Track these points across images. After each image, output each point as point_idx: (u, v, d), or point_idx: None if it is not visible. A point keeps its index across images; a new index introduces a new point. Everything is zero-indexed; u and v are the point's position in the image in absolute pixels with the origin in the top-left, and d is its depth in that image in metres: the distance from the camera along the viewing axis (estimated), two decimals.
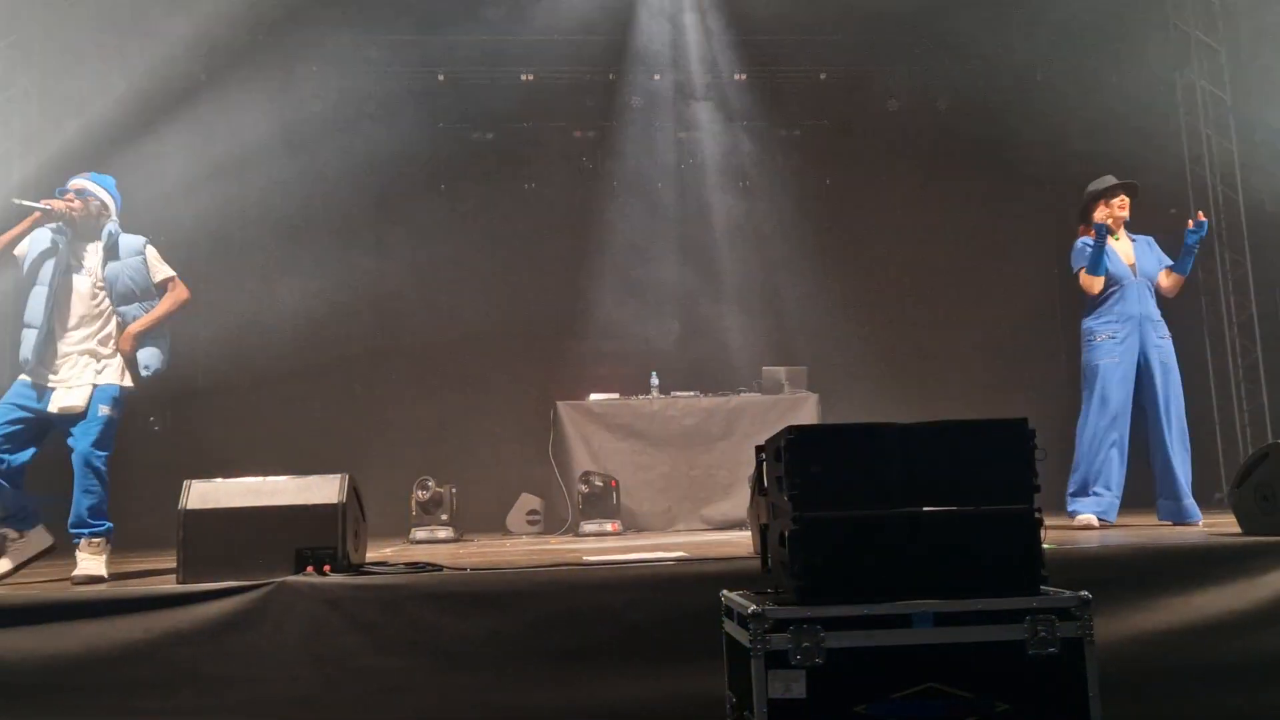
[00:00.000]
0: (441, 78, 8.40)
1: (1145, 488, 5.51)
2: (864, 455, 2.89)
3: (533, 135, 8.67)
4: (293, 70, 8.13)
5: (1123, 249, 5.52)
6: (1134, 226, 5.64)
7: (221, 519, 4.02)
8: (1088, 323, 5.50)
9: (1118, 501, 5.38)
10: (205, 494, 4.09)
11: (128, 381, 4.61)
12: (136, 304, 4.64)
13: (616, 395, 7.42)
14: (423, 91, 8.45)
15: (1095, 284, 5.40)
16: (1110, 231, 5.36)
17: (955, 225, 8.63)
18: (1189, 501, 5.29)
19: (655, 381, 7.48)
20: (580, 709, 3.61)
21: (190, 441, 7.52)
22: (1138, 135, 7.64)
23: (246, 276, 8.10)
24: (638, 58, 8.38)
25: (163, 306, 4.71)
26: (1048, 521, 2.92)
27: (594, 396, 7.39)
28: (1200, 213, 5.48)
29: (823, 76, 8.64)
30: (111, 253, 4.64)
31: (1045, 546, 2.90)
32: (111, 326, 4.62)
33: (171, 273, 4.78)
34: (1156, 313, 5.47)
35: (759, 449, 3.31)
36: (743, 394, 7.44)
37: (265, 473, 4.25)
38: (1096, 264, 5.35)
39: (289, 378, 7.99)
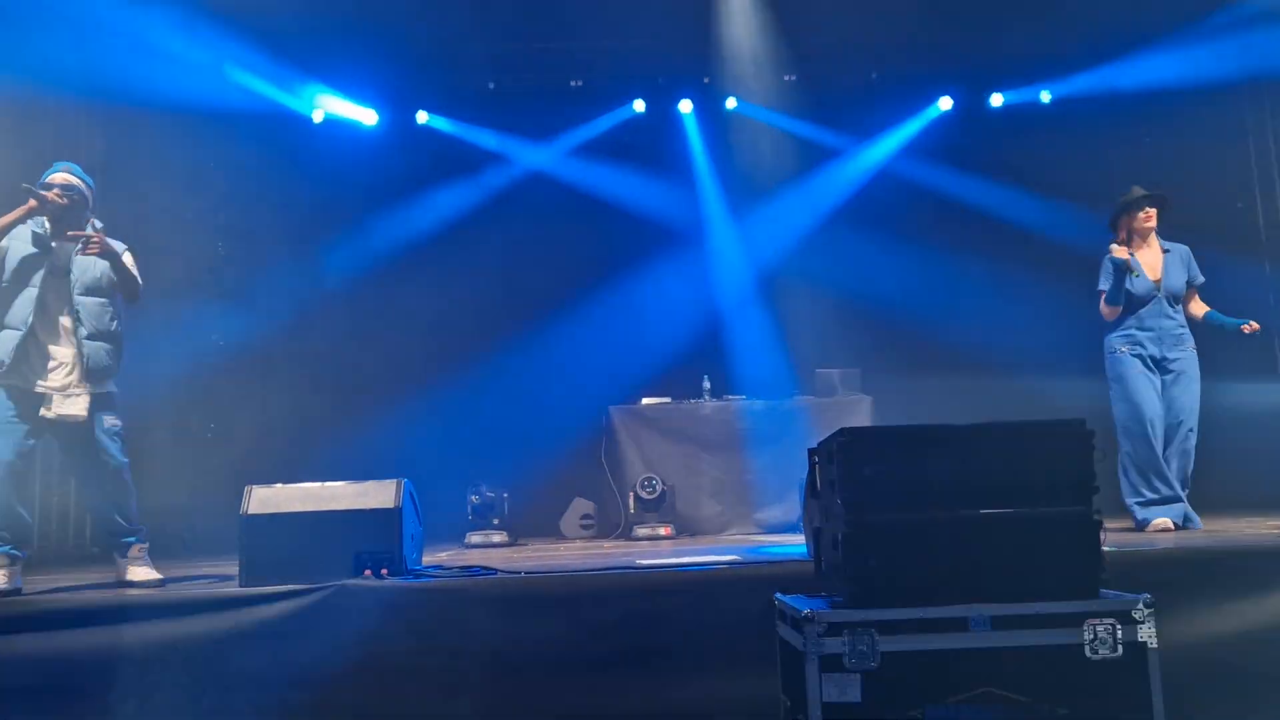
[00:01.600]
0: (492, 85, 8.47)
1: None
2: (918, 457, 2.86)
3: (579, 135, 8.71)
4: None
5: (1149, 261, 5.55)
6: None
7: (281, 523, 4.11)
8: (1110, 337, 5.58)
9: (1184, 504, 5.37)
10: (265, 499, 4.17)
11: (114, 387, 4.57)
12: (95, 298, 4.51)
13: (668, 399, 7.41)
14: (474, 95, 8.53)
15: (1113, 313, 5.52)
16: (1130, 269, 5.42)
17: (1012, 225, 8.49)
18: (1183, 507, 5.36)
19: (707, 385, 7.47)
20: (635, 712, 3.62)
21: (247, 448, 7.66)
22: (1202, 127, 7.47)
23: (300, 284, 8.23)
24: (687, 59, 8.38)
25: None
26: (1108, 525, 2.87)
27: (646, 401, 7.39)
28: (1253, 323, 5.44)
29: (874, 76, 8.56)
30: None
31: (1105, 549, 2.85)
32: (105, 327, 4.51)
33: (136, 275, 4.65)
34: (1180, 326, 5.51)
35: (812, 452, 3.30)
36: (796, 397, 7.40)
37: (323, 478, 4.32)
38: (1116, 296, 5.46)
39: (344, 383, 8.12)
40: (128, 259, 4.64)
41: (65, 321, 4.45)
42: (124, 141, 7.61)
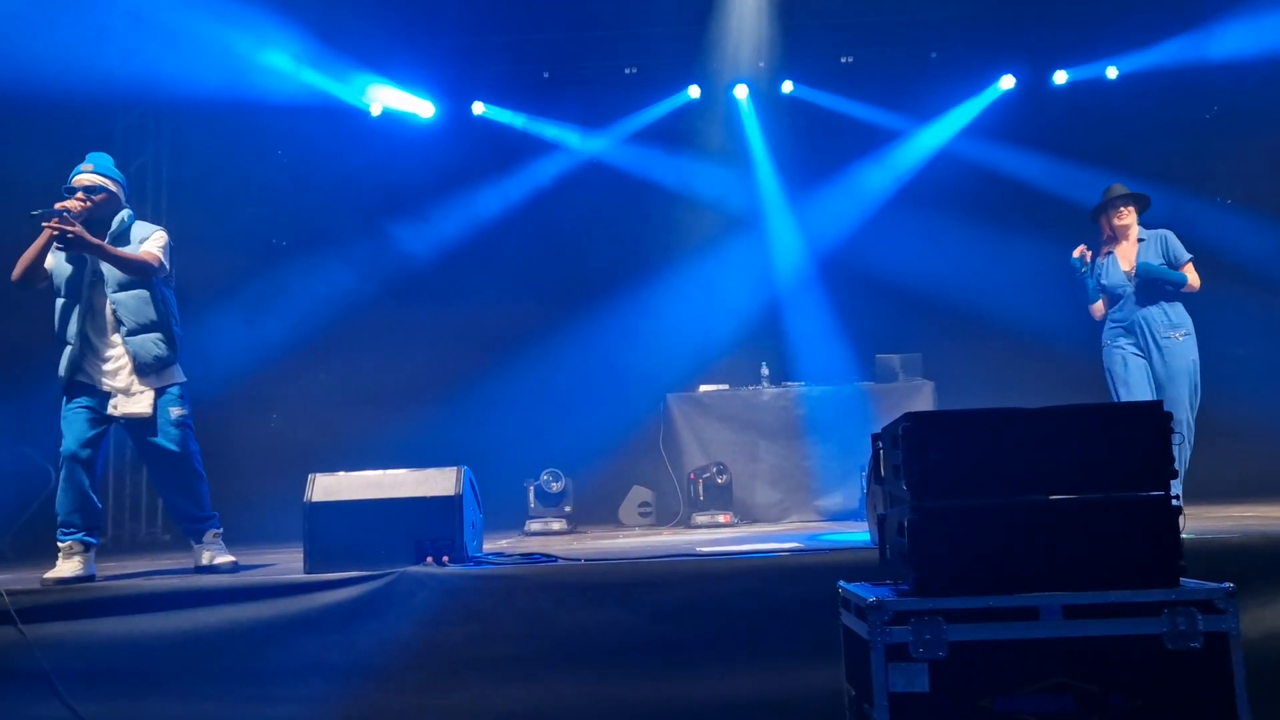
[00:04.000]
0: (547, 74, 8.47)
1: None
2: (986, 442, 2.79)
3: (635, 123, 8.68)
4: None
5: (1124, 255, 5.73)
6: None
7: (344, 511, 4.15)
8: (1104, 331, 5.83)
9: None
10: (329, 487, 4.22)
11: (182, 377, 4.61)
12: (129, 292, 4.45)
13: (726, 386, 7.37)
14: (530, 85, 8.53)
15: (1096, 310, 5.84)
16: (1084, 266, 5.80)
17: (1075, 205, 8.27)
18: None
19: (765, 372, 7.41)
20: (695, 701, 3.59)
21: (309, 436, 7.78)
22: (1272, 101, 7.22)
23: (358, 275, 8.32)
24: (741, 42, 8.30)
25: (128, 252, 4.42)
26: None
27: (704, 388, 7.37)
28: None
29: (933, 55, 8.39)
30: (120, 240, 4.47)
31: (1184, 536, 2.75)
32: (155, 323, 4.49)
33: (158, 253, 4.49)
34: (1164, 313, 5.58)
35: (875, 437, 3.24)
36: (856, 383, 7.31)
37: (384, 466, 4.36)
38: (1087, 294, 5.84)
39: (404, 372, 8.20)
40: (158, 240, 4.53)
41: (110, 323, 4.47)
42: (185, 137, 7.76)
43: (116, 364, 4.47)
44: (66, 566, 4.22)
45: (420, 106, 8.52)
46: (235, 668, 3.69)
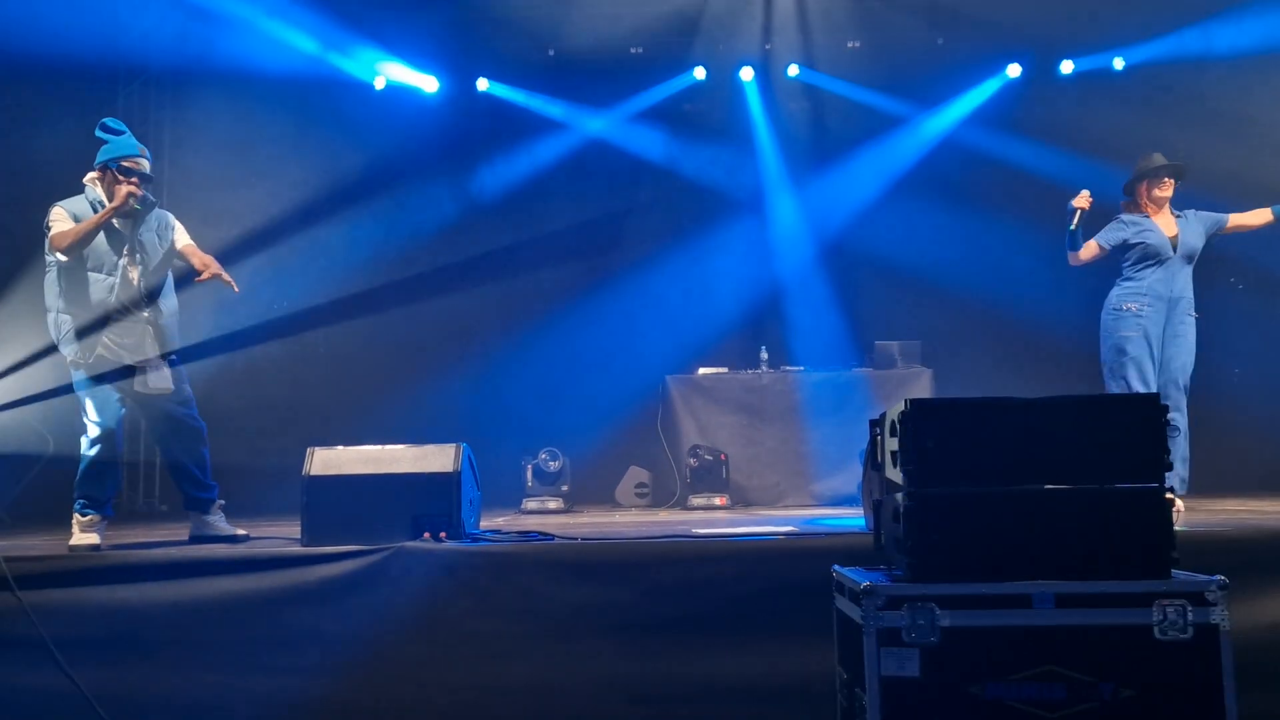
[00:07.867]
0: (552, 52, 8.42)
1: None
2: (983, 430, 2.81)
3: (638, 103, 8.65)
4: None
5: (1165, 224, 5.56)
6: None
7: (342, 485, 4.17)
8: (1114, 294, 5.55)
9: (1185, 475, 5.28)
10: (327, 461, 4.24)
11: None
12: (159, 275, 4.63)
13: (725, 369, 7.38)
14: (534, 62, 8.50)
15: (1074, 259, 5.65)
16: (1074, 211, 5.54)
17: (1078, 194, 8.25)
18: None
19: (765, 355, 7.42)
20: (688, 681, 3.62)
21: (309, 410, 7.79)
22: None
23: (358, 251, 8.30)
24: (746, 26, 8.27)
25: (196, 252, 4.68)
26: None
27: (703, 371, 7.37)
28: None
29: (940, 42, 8.36)
30: (152, 224, 4.63)
31: (1177, 528, 2.77)
32: (169, 300, 4.66)
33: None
34: (1189, 292, 5.47)
35: (873, 423, 3.26)
36: (854, 369, 7.32)
37: (383, 442, 4.37)
38: (1072, 242, 5.60)
39: (404, 349, 8.20)
40: (185, 234, 4.75)
41: (139, 294, 4.54)
42: (187, 107, 7.73)
43: (140, 337, 4.52)
44: (88, 537, 4.29)
45: (424, 81, 8.49)
46: (232, 638, 3.71)
